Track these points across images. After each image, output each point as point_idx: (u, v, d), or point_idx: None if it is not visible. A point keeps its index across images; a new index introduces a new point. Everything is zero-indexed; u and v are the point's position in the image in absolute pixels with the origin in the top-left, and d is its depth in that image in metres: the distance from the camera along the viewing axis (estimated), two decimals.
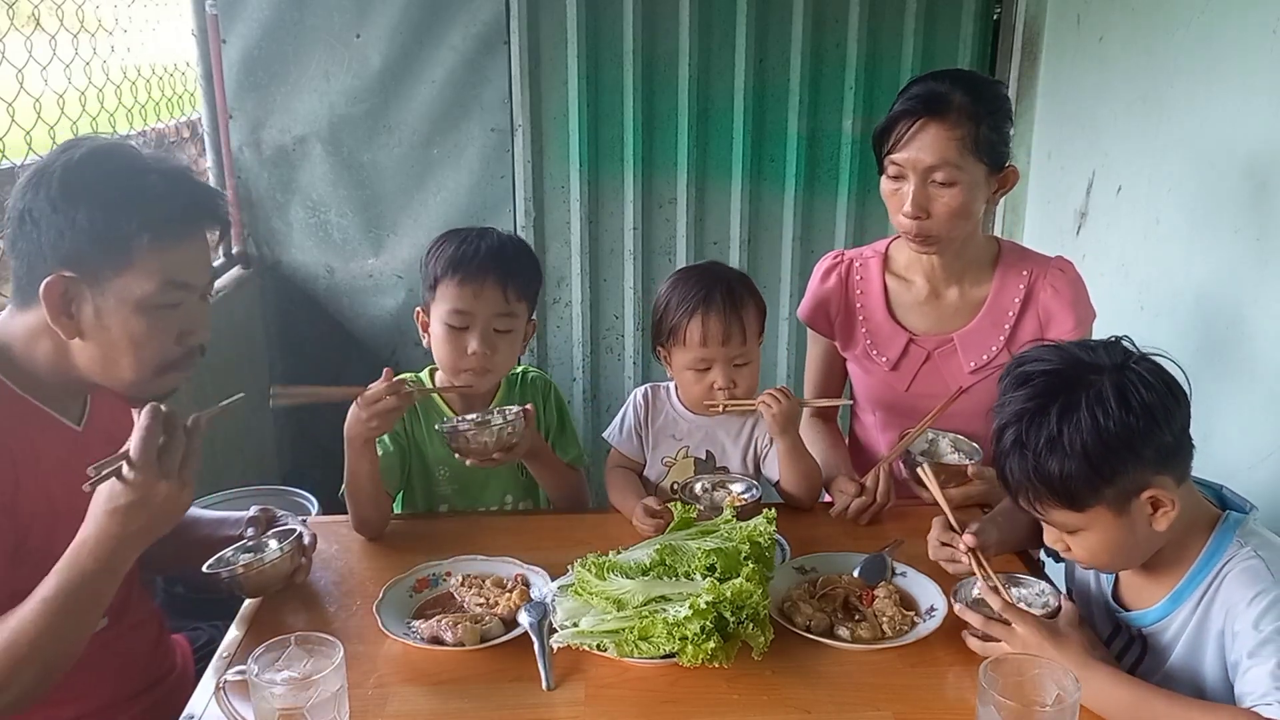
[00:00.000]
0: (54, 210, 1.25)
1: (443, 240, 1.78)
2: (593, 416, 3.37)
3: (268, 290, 3.18)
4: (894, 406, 1.94)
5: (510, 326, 1.75)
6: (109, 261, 1.27)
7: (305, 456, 3.30)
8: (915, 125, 1.69)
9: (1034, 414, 1.22)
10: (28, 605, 1.21)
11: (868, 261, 1.95)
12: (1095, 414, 1.19)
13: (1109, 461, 1.19)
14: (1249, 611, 1.20)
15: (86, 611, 1.24)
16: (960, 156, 1.68)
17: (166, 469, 1.22)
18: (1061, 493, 1.22)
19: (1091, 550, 1.28)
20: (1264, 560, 1.23)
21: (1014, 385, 1.27)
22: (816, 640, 1.38)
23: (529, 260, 1.82)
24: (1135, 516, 1.23)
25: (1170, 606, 1.30)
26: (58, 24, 2.21)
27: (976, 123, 1.68)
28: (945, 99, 1.69)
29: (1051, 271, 1.84)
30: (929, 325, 1.89)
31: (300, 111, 3.01)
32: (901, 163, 1.72)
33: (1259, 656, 1.17)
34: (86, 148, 1.29)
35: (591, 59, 3.02)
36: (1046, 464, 1.21)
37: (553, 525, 1.78)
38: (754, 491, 1.72)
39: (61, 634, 1.21)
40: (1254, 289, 1.91)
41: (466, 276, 1.70)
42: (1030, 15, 2.96)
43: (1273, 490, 1.80)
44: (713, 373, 1.76)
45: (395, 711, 1.27)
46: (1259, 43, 1.90)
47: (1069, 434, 1.19)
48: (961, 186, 1.70)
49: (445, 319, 1.72)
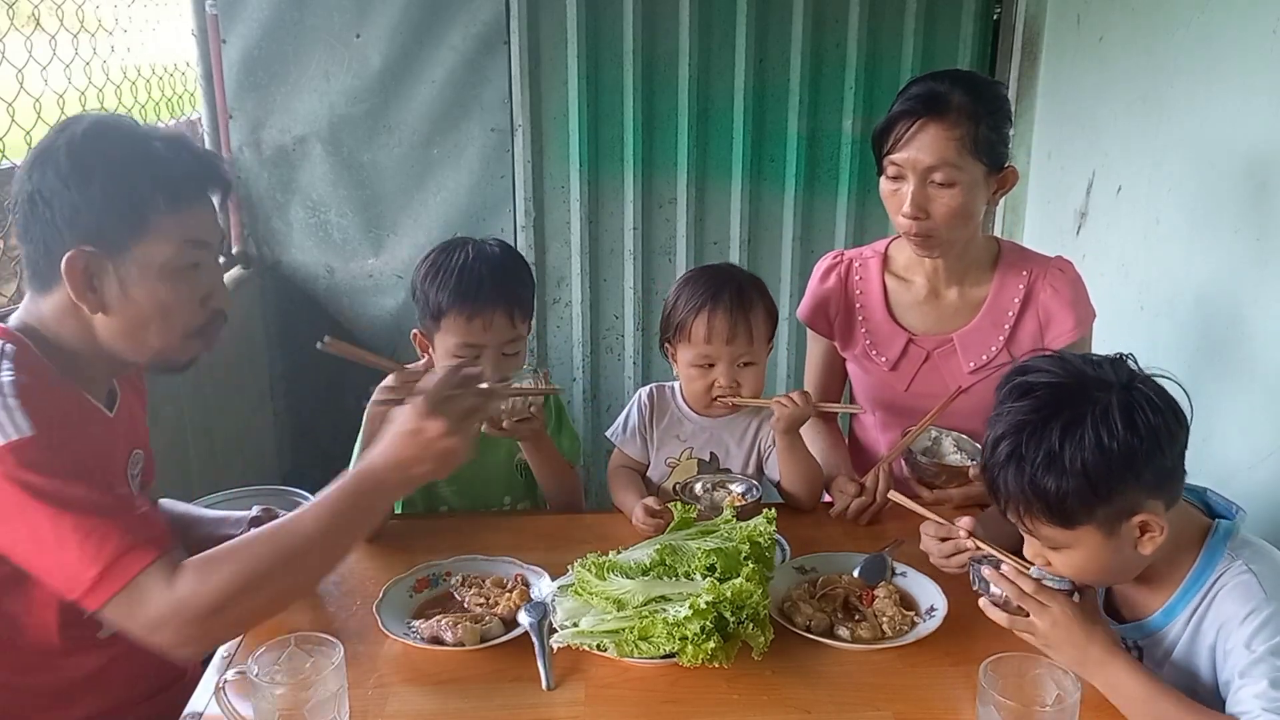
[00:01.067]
0: (66, 187, 1.25)
1: (438, 263, 1.72)
2: (593, 416, 3.37)
3: (268, 290, 3.18)
4: (893, 406, 1.94)
5: (517, 349, 1.74)
6: (127, 230, 1.28)
7: (305, 456, 3.30)
8: (914, 125, 1.69)
9: (1035, 427, 1.19)
10: (304, 512, 1.26)
11: (867, 261, 1.95)
12: (1099, 432, 1.15)
13: (1108, 482, 1.16)
14: (1241, 630, 1.19)
15: (358, 525, 1.30)
16: (959, 156, 1.68)
17: (448, 412, 1.27)
18: (1055, 509, 1.19)
19: (1074, 567, 1.26)
20: (1256, 575, 1.21)
21: (1014, 395, 1.23)
22: (816, 640, 1.39)
23: (526, 274, 1.79)
24: (1123, 538, 1.21)
25: (1164, 620, 1.29)
26: (58, 24, 2.21)
27: (976, 123, 1.68)
28: (944, 99, 1.69)
29: (1051, 271, 1.84)
30: (928, 325, 1.89)
31: (300, 111, 3.01)
32: (901, 163, 1.71)
33: (1250, 677, 1.16)
34: (86, 123, 1.30)
35: (591, 59, 3.02)
36: (1043, 479, 1.18)
37: (553, 525, 1.78)
38: (754, 491, 1.72)
39: (331, 543, 1.26)
40: (1254, 289, 1.91)
41: (475, 311, 1.66)
42: (1030, 15, 2.96)
43: (1273, 490, 1.80)
44: (715, 371, 1.76)
45: (395, 711, 1.27)
46: (1259, 43, 1.90)
47: (1070, 450, 1.16)
48: (961, 187, 1.70)
49: (454, 352, 1.69)
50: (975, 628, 1.41)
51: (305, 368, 3.25)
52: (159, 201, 1.28)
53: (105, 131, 1.29)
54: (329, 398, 3.25)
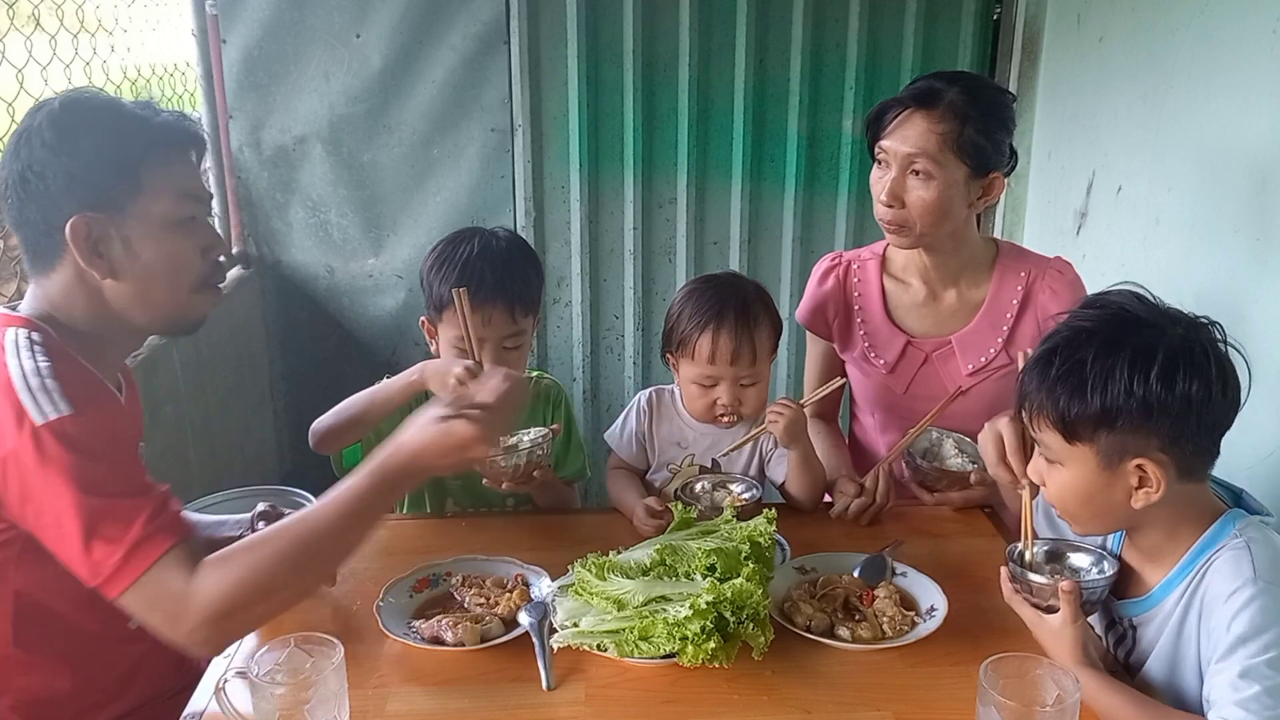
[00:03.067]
0: (55, 155, 1.26)
1: (443, 256, 1.73)
2: (593, 417, 3.37)
3: (268, 290, 3.18)
4: (893, 408, 1.94)
5: (518, 343, 1.74)
6: (123, 188, 1.29)
7: (305, 456, 3.27)
8: (902, 114, 1.71)
9: (1077, 336, 1.21)
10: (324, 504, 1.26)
11: (865, 263, 1.95)
12: (1132, 370, 1.16)
13: (1122, 416, 1.17)
14: (1224, 609, 1.18)
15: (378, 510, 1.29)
16: (940, 151, 1.68)
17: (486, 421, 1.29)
18: (1062, 417, 1.21)
19: (1061, 489, 1.26)
20: (1251, 553, 1.19)
21: (1084, 307, 1.26)
22: (816, 640, 1.38)
23: (533, 268, 1.78)
24: (1117, 478, 1.21)
25: (1161, 595, 1.28)
26: (58, 24, 2.21)
27: (963, 122, 1.68)
28: (937, 94, 1.70)
29: (1050, 273, 1.84)
30: (927, 327, 1.89)
31: (300, 111, 3.01)
32: (886, 149, 1.73)
33: (1226, 661, 1.16)
34: (61, 98, 1.32)
35: (591, 59, 3.02)
36: (1061, 386, 1.19)
37: (553, 525, 1.78)
38: (754, 492, 1.72)
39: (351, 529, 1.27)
40: (1254, 289, 1.91)
41: (474, 305, 1.66)
42: (1030, 15, 2.96)
43: (1273, 490, 1.80)
44: (718, 390, 1.74)
45: (395, 711, 1.27)
46: (1259, 43, 1.90)
47: (1097, 371, 1.17)
48: (938, 183, 1.70)
49: (455, 344, 1.70)
50: (975, 628, 1.41)
51: (305, 368, 3.25)
52: (147, 157, 1.31)
53: (82, 102, 1.32)
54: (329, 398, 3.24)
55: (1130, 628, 1.35)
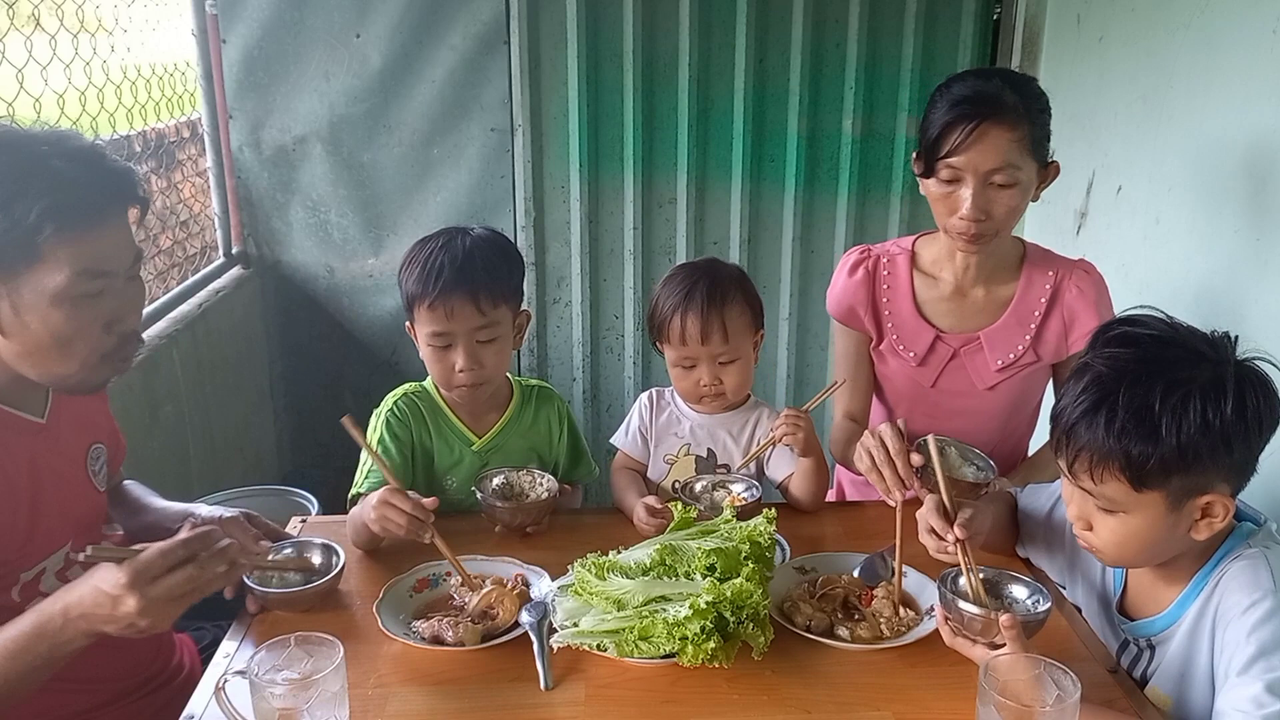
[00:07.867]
0: None
1: (413, 254, 1.73)
2: (593, 417, 3.37)
3: (268, 290, 3.18)
4: (919, 402, 1.93)
5: (493, 335, 1.71)
6: (17, 257, 1.22)
7: (305, 456, 3.30)
8: (974, 128, 1.66)
9: (1135, 378, 1.13)
10: None
11: (895, 258, 1.94)
12: (1205, 404, 1.11)
13: (1198, 455, 1.12)
14: (1243, 620, 1.16)
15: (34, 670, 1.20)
16: (1020, 157, 1.68)
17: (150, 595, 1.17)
18: (1134, 467, 1.14)
19: (1120, 534, 1.21)
20: (1269, 560, 1.18)
21: (1116, 342, 1.18)
22: (816, 640, 1.39)
23: (502, 261, 1.73)
24: (1182, 516, 1.18)
25: (1178, 612, 1.27)
26: (58, 24, 2.21)
27: (1031, 122, 1.68)
28: (999, 100, 1.66)
29: (1077, 273, 1.86)
30: (954, 323, 1.90)
31: (300, 111, 3.01)
32: (960, 166, 1.69)
33: (1247, 674, 1.13)
34: None
35: (591, 59, 3.02)
36: (1133, 434, 1.13)
37: (553, 525, 1.78)
38: (754, 491, 1.72)
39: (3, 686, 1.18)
40: (1254, 289, 1.91)
41: (435, 300, 1.65)
42: (1030, 15, 2.96)
43: (1273, 490, 1.80)
44: (698, 370, 1.77)
45: (395, 711, 1.27)
46: (1259, 43, 1.90)
47: (1169, 414, 1.11)
48: (1019, 187, 1.70)
49: (427, 341, 1.70)
50: None
51: (305, 368, 3.26)
52: (48, 229, 1.21)
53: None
54: (329, 398, 3.26)
55: (1148, 647, 1.33)
